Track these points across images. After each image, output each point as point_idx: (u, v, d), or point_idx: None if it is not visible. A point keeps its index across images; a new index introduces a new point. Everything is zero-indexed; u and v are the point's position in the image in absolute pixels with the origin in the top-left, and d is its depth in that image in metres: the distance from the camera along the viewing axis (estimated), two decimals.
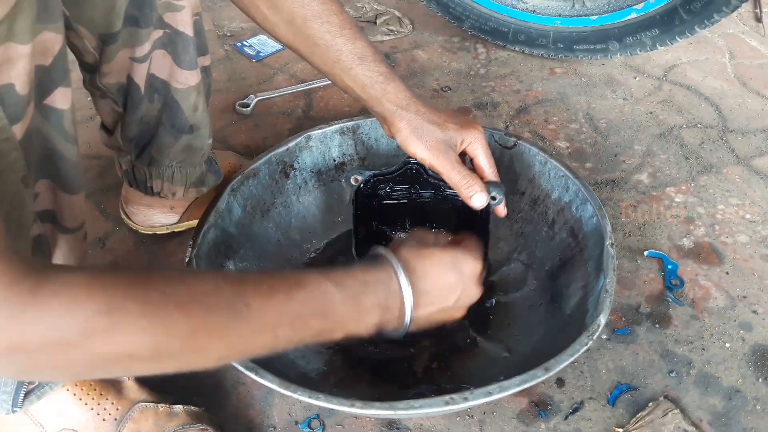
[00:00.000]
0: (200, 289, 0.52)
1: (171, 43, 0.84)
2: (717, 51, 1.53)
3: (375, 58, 0.79)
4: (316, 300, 0.59)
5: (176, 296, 0.50)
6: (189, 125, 0.92)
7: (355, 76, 0.79)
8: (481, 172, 0.82)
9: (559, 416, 0.86)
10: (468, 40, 1.56)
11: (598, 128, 1.31)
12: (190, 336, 0.50)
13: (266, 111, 1.36)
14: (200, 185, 1.00)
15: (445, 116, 0.80)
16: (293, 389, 0.69)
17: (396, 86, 0.79)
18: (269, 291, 0.56)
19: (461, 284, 0.71)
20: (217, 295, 0.52)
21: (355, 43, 0.78)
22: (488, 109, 1.36)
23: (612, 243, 0.82)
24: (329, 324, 0.61)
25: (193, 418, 0.79)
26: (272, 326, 0.56)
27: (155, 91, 0.87)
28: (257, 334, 0.55)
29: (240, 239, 0.93)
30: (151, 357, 0.49)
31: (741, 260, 1.05)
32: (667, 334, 0.94)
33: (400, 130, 0.80)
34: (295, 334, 0.58)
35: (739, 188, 1.17)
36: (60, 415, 0.76)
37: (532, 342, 0.89)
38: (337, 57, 0.78)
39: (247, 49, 1.53)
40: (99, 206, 1.15)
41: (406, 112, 0.79)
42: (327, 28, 0.77)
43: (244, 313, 0.53)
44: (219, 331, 0.52)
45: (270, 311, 0.55)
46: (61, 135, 0.62)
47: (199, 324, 0.51)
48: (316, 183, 1.05)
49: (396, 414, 0.69)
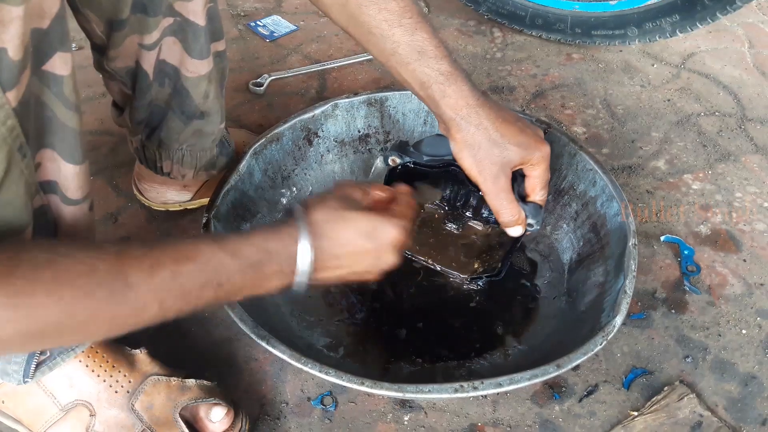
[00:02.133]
0: (73, 270, 0.49)
1: (181, 31, 0.81)
2: (736, 40, 1.51)
3: (437, 52, 0.72)
4: (208, 273, 0.56)
5: (45, 282, 0.47)
6: (200, 112, 0.90)
7: (412, 72, 0.72)
8: (530, 191, 0.78)
9: (573, 398, 0.85)
10: (484, 24, 1.54)
11: (615, 114, 1.29)
12: (65, 320, 0.49)
13: (279, 91, 1.35)
14: (211, 168, 0.99)
15: (510, 133, 0.73)
16: (304, 362, 0.69)
17: (458, 89, 0.72)
18: (152, 266, 0.53)
19: (375, 251, 0.67)
20: (91, 276, 0.50)
21: (414, 34, 0.71)
22: (504, 93, 1.34)
23: (635, 244, 0.81)
24: (225, 292, 0.58)
25: (205, 392, 0.79)
26: (158, 301, 0.53)
27: (165, 76, 0.85)
28: (141, 310, 0.53)
29: (259, 203, 0.93)
30: (25, 341, 0.49)
31: (758, 248, 1.03)
32: (683, 320, 0.93)
33: (455, 141, 0.74)
34: (186, 304, 0.56)
35: (757, 177, 1.16)
36: (72, 387, 0.75)
37: (545, 334, 0.88)
38: (393, 49, 0.72)
39: (261, 29, 1.52)
40: (111, 182, 1.14)
41: (466, 123, 0.72)
42: (384, 16, 0.71)
43: (123, 291, 0.51)
44: (96, 313, 0.50)
45: (154, 287, 0.53)
46: (61, 102, 0.59)
47: (73, 308, 0.49)
48: (338, 153, 1.04)
49: (405, 396, 0.68)
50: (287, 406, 0.84)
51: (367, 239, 0.66)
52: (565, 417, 0.83)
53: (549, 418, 0.83)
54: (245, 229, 0.89)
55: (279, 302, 0.89)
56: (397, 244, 0.68)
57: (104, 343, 0.77)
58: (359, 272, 0.68)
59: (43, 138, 0.60)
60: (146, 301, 0.53)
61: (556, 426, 0.82)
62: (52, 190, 0.64)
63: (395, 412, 0.83)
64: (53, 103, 0.59)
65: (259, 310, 0.82)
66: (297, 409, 0.84)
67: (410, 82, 0.74)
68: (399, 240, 0.68)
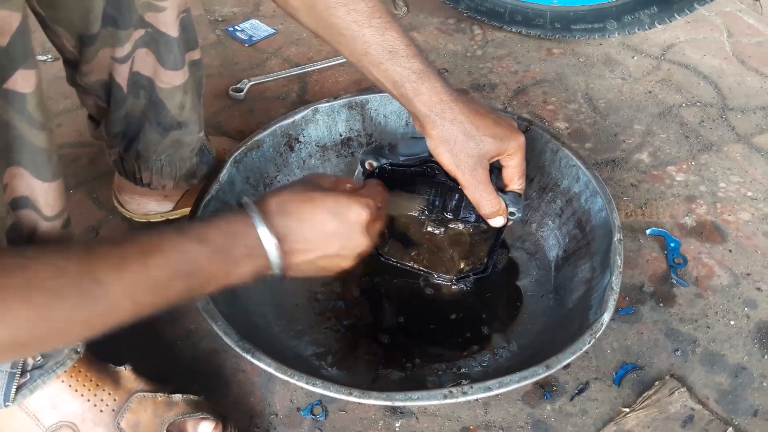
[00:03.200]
0: (42, 273, 0.48)
1: (154, 42, 0.80)
2: (715, 29, 1.51)
3: (408, 51, 0.72)
4: (177, 262, 0.55)
5: (15, 286, 0.46)
6: (177, 122, 0.88)
7: (384, 72, 0.72)
8: (508, 181, 0.78)
9: (564, 397, 0.84)
10: (464, 22, 1.53)
11: (597, 108, 1.29)
12: (38, 324, 0.48)
13: (260, 96, 1.33)
14: (191, 177, 0.98)
15: (484, 125, 0.73)
16: (290, 374, 0.68)
17: (431, 86, 0.72)
18: (121, 262, 0.52)
19: (343, 231, 0.66)
20: (61, 277, 0.49)
21: (384, 34, 0.71)
22: (486, 90, 1.34)
23: (620, 239, 0.80)
24: (196, 282, 0.57)
25: (192, 407, 0.78)
26: (130, 297, 0.52)
27: (140, 87, 0.84)
28: (115, 308, 0.52)
29: None
30: (1, 349, 0.48)
31: (744, 238, 1.03)
32: (672, 313, 0.93)
33: (431, 137, 0.74)
34: (158, 298, 0.55)
35: (740, 166, 1.16)
36: (55, 408, 0.74)
37: (533, 333, 0.88)
38: (364, 50, 0.72)
39: (240, 34, 1.50)
40: (91, 195, 1.12)
41: (440, 119, 0.72)
42: (353, 17, 0.71)
43: (94, 291, 0.50)
44: (70, 315, 0.49)
45: (125, 283, 0.52)
46: (26, 121, 0.57)
47: (46, 312, 0.48)
48: (321, 158, 1.03)
49: (393, 404, 0.68)
50: (277, 417, 0.83)
51: (333, 217, 0.65)
52: (557, 416, 0.83)
53: (541, 418, 0.83)
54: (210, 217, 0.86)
55: (266, 312, 0.88)
56: (365, 223, 0.67)
57: (87, 361, 0.76)
58: (331, 256, 0.67)
59: (11, 156, 0.58)
60: (118, 298, 0.52)
61: (548, 426, 0.82)
62: (27, 205, 0.62)
63: (386, 419, 0.83)
64: (17, 121, 0.57)
65: (246, 321, 0.81)
66: (287, 420, 0.83)
67: (383, 81, 0.74)
68: (366, 219, 0.67)
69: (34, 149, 0.59)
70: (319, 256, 0.66)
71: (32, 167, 0.60)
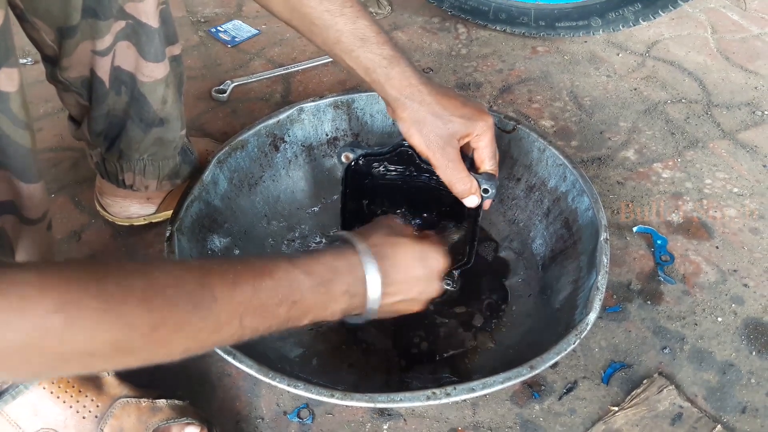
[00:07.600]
0: (162, 281, 0.49)
1: (135, 34, 0.79)
2: (699, 26, 1.51)
3: (379, 39, 0.74)
4: (285, 289, 0.57)
5: (136, 289, 0.46)
6: (159, 118, 0.88)
7: (356, 59, 0.74)
8: (480, 163, 0.79)
9: (553, 397, 0.84)
10: (448, 21, 1.53)
11: (582, 106, 1.29)
12: (153, 330, 0.47)
13: (243, 97, 1.32)
14: (174, 177, 0.97)
15: (452, 106, 0.75)
16: (272, 376, 0.67)
17: (401, 71, 0.74)
18: (235, 281, 0.53)
19: (426, 277, 0.70)
20: (180, 287, 0.49)
21: (356, 22, 0.74)
22: (471, 89, 1.33)
23: (607, 239, 0.80)
24: (297, 311, 0.58)
25: (177, 412, 0.77)
26: (239, 316, 0.53)
27: (122, 83, 0.83)
28: (223, 325, 0.53)
29: (225, 213, 0.91)
30: (112, 353, 0.46)
31: (730, 234, 1.04)
32: (659, 311, 0.93)
33: (402, 120, 0.76)
34: (262, 323, 0.56)
35: (726, 162, 1.16)
36: (37, 415, 0.73)
37: (519, 333, 0.87)
38: (337, 38, 0.74)
39: (222, 35, 1.49)
40: (73, 199, 1.11)
41: (410, 101, 0.74)
42: (326, 6, 0.73)
43: (209, 304, 0.50)
44: (183, 324, 0.49)
45: (236, 302, 0.53)
46: (10, 120, 0.57)
47: (162, 317, 0.48)
48: (306, 157, 1.02)
49: (376, 405, 0.67)
50: (263, 422, 0.82)
51: (420, 264, 0.69)
52: (546, 416, 0.82)
53: (529, 418, 0.82)
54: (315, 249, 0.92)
55: None
56: (442, 272, 0.72)
57: None
58: (408, 300, 0.70)
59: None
60: (228, 317, 0.52)
61: (536, 426, 0.81)
62: (9, 210, 0.61)
63: (374, 422, 0.82)
64: (1, 121, 0.57)
65: None
66: (273, 424, 0.82)
67: (355, 68, 0.76)
68: (445, 267, 0.72)
69: (19, 149, 0.59)
70: (401, 299, 0.68)
71: (16, 169, 0.60)
